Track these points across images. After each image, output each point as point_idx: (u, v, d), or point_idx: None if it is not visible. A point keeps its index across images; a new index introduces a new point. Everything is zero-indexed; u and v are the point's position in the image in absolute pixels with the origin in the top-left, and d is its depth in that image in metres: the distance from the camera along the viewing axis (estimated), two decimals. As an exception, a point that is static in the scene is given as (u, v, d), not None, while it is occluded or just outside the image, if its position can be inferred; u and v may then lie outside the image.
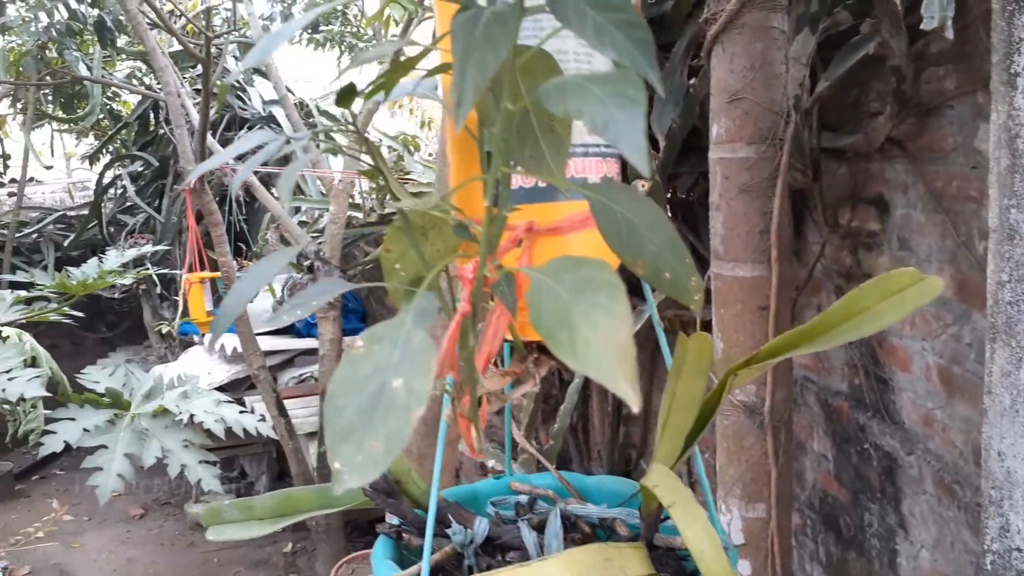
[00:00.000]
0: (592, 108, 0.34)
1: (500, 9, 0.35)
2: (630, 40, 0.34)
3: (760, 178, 1.22)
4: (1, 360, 1.86)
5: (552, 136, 0.43)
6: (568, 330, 0.33)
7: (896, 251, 1.64)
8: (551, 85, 0.36)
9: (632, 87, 0.33)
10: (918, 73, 1.45)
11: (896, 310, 0.54)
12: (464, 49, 0.34)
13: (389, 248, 0.49)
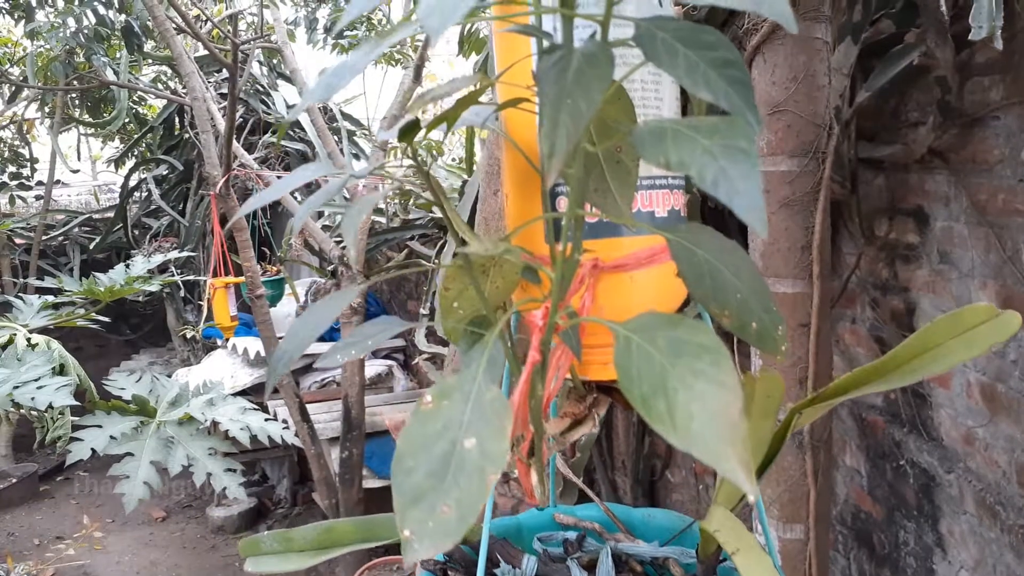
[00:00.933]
0: (699, 161, 0.31)
1: (590, 50, 0.33)
2: (726, 80, 0.32)
3: (802, 192, 1.19)
4: (30, 368, 1.86)
5: (619, 169, 0.41)
6: (666, 399, 0.30)
7: (936, 264, 1.60)
8: (646, 131, 0.33)
9: (743, 138, 0.31)
10: (963, 83, 1.42)
11: (968, 348, 0.51)
12: (556, 96, 0.31)
13: (448, 287, 0.47)
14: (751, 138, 0.31)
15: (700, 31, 0.32)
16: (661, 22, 0.33)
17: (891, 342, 1.76)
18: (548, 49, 0.34)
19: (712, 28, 0.32)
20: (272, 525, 4.24)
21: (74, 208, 6.40)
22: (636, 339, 0.33)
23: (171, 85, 5.72)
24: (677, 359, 0.31)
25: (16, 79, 5.51)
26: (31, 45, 5.14)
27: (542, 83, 0.32)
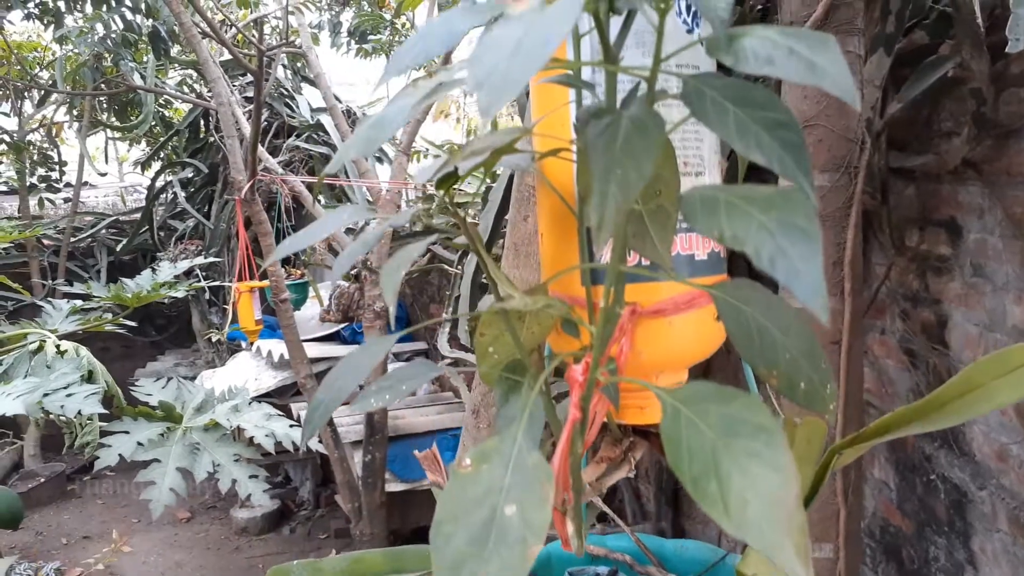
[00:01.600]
0: (755, 238, 0.30)
1: (639, 116, 0.32)
2: (780, 143, 0.30)
3: (833, 207, 1.17)
4: (59, 376, 1.88)
5: (658, 213, 0.40)
6: (718, 482, 0.29)
7: (969, 277, 1.57)
8: (698, 201, 0.32)
9: (803, 215, 0.30)
10: (998, 94, 1.39)
11: (1014, 388, 0.50)
12: (605, 167, 0.30)
13: (484, 332, 0.47)
14: (811, 215, 0.30)
15: (751, 88, 0.31)
16: (709, 79, 0.32)
17: (922, 355, 1.74)
18: (595, 113, 0.33)
19: (763, 86, 0.31)
20: (295, 527, 4.27)
21: (101, 209, 6.48)
22: (686, 412, 0.32)
23: (196, 88, 5.78)
24: (731, 439, 0.30)
25: (45, 83, 5.59)
26: (60, 50, 5.20)
27: (592, 152, 0.31)
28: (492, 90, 0.25)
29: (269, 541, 4.18)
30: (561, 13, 0.27)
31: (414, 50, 0.36)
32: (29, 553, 4.16)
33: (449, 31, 0.36)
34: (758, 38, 0.31)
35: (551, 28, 0.26)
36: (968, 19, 1.18)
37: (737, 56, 0.30)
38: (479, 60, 0.26)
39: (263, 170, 3.90)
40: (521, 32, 0.26)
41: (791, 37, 0.30)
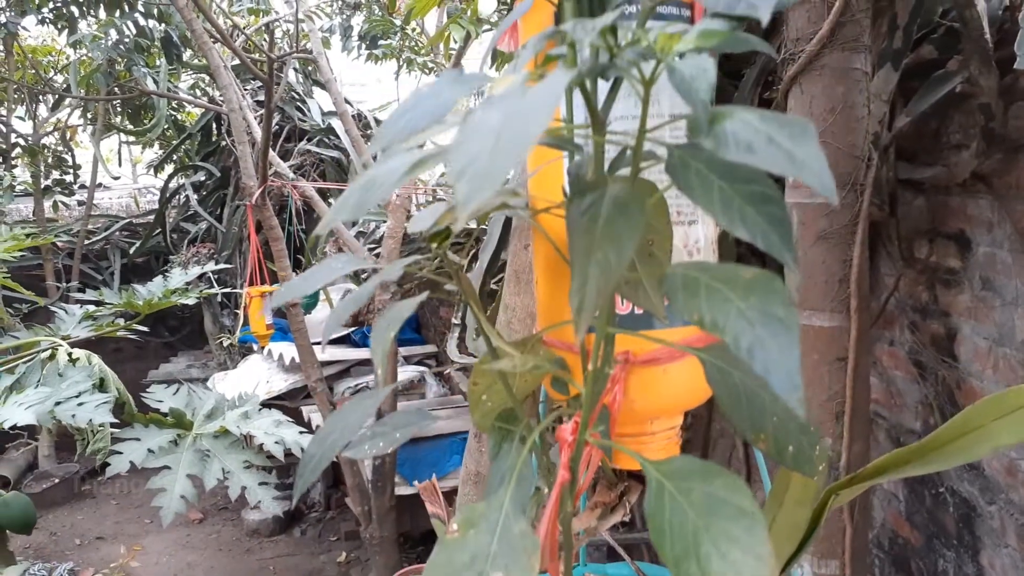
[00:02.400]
0: (735, 326, 0.30)
1: (622, 197, 0.32)
2: (765, 218, 0.31)
3: (839, 225, 1.17)
4: (71, 384, 1.90)
5: (651, 262, 0.40)
6: (698, 564, 0.30)
7: (978, 290, 1.57)
8: (680, 282, 0.32)
9: (781, 304, 0.30)
10: (1007, 108, 1.38)
11: (1013, 430, 0.50)
12: (586, 249, 0.31)
13: (476, 382, 0.47)
14: (789, 303, 0.30)
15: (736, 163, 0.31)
16: (695, 150, 0.32)
17: (931, 367, 1.73)
18: (579, 189, 0.33)
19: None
20: (306, 529, 4.29)
21: (115, 211, 6.53)
22: (669, 487, 0.32)
23: (208, 91, 5.81)
24: (712, 519, 0.30)
25: (59, 87, 5.63)
26: (74, 54, 5.24)
27: (572, 233, 0.32)
28: (473, 181, 0.25)
29: (280, 543, 4.20)
30: (543, 98, 0.27)
31: (400, 123, 0.36)
32: (43, 553, 4.20)
33: (436, 103, 0.36)
34: (739, 122, 0.31)
35: (532, 117, 0.26)
36: (976, 35, 1.18)
37: (718, 140, 0.30)
38: (460, 147, 0.26)
39: (274, 175, 3.92)
40: (502, 120, 0.26)
41: (771, 123, 0.30)
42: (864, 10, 1.12)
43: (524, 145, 0.25)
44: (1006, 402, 0.51)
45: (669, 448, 0.52)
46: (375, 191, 0.38)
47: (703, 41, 0.32)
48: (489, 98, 0.29)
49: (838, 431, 1.21)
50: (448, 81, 0.37)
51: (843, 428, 1.20)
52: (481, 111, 0.28)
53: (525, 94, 0.28)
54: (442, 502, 0.69)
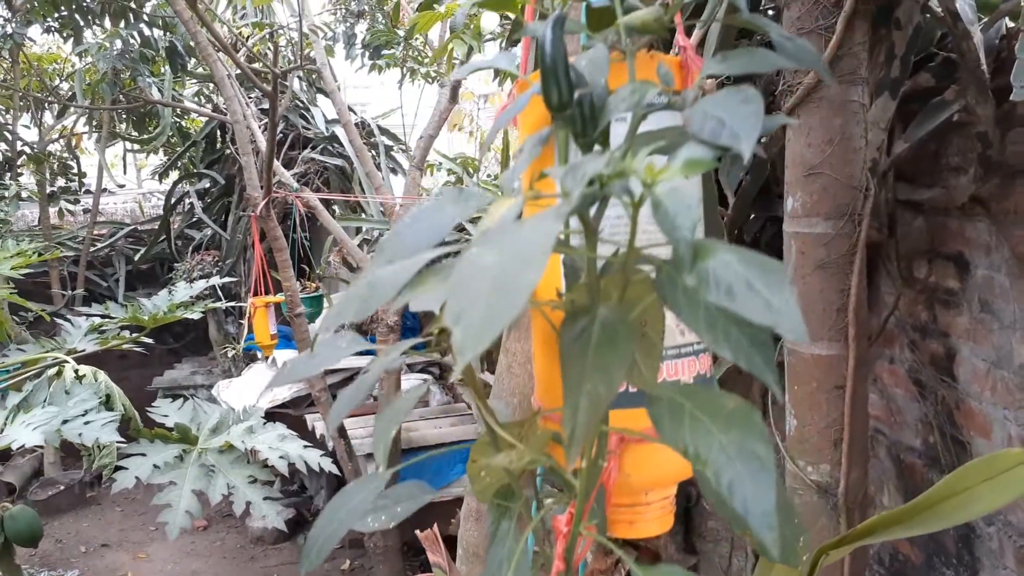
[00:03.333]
0: (717, 461, 0.32)
1: (611, 322, 0.34)
2: (747, 339, 0.32)
3: (837, 254, 1.18)
4: (78, 403, 1.92)
5: (644, 342, 0.42)
6: None
7: (977, 313, 1.58)
8: (665, 409, 0.34)
9: (760, 440, 0.31)
10: (1004, 134, 1.39)
11: (999, 493, 0.51)
12: (576, 378, 0.32)
13: (475, 459, 0.49)
14: (766, 441, 0.32)
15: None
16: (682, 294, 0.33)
17: (930, 386, 1.74)
18: (572, 314, 0.35)
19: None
20: (310, 538, 4.30)
21: (120, 216, 6.56)
22: None
23: (213, 98, 5.83)
24: None
25: (65, 94, 5.66)
26: (79, 62, 5.27)
27: (564, 359, 0.33)
28: (468, 332, 0.26)
29: (284, 550, 4.22)
30: (535, 246, 0.28)
31: (404, 237, 0.38)
32: (49, 561, 4.22)
33: (438, 222, 0.38)
34: (721, 262, 0.32)
35: (525, 268, 0.27)
36: (973, 65, 1.19)
37: (700, 279, 0.32)
38: (457, 291, 0.28)
39: (278, 184, 3.95)
40: (496, 266, 0.27)
41: (751, 266, 0.32)
42: (861, 42, 1.13)
43: (518, 303, 0.26)
44: (994, 465, 0.52)
45: (664, 518, 0.53)
46: (377, 295, 0.40)
47: (688, 170, 0.33)
48: (485, 234, 0.31)
49: (836, 458, 1.23)
50: (449, 199, 0.39)
51: (841, 455, 1.22)
52: (477, 249, 0.29)
53: (519, 233, 0.29)
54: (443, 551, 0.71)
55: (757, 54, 0.44)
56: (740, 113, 0.38)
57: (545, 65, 0.42)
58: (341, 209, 4.96)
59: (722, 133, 0.36)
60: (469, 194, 0.39)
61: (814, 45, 1.14)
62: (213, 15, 4.18)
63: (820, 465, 1.24)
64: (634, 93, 0.40)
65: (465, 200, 0.39)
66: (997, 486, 0.51)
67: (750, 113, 0.38)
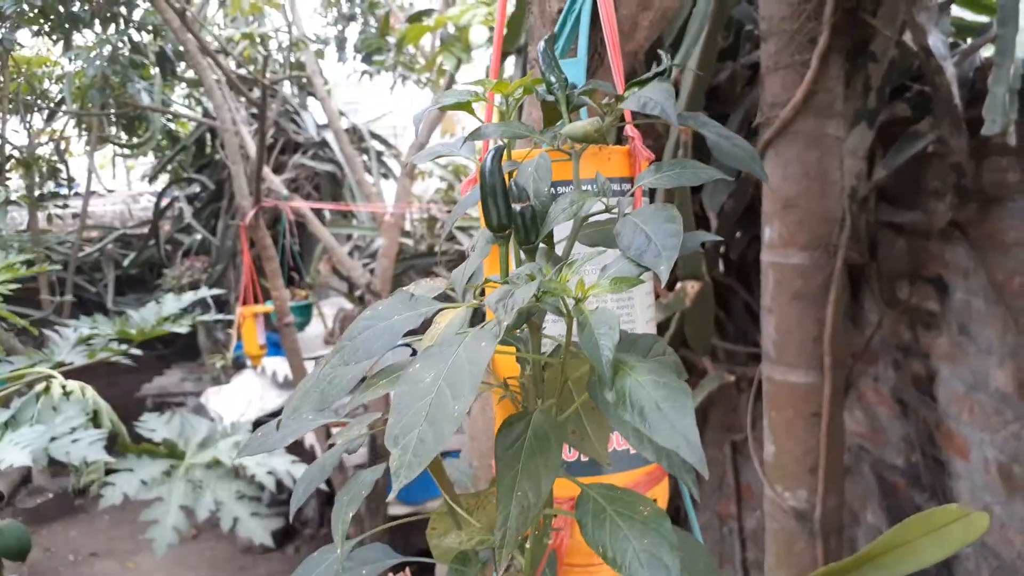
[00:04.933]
0: (630, 562, 0.34)
1: (542, 430, 0.35)
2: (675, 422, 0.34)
3: (814, 285, 1.20)
4: (65, 420, 1.92)
5: (595, 414, 0.43)
6: None
7: (956, 335, 1.60)
8: (590, 508, 0.36)
9: (669, 551, 0.33)
10: (980, 163, 1.41)
11: (939, 547, 0.53)
12: (508, 485, 0.34)
13: (434, 527, 0.50)
14: (674, 550, 0.34)
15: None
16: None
17: (912, 406, 1.76)
18: (508, 422, 0.37)
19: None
20: (299, 546, 4.31)
21: (109, 219, 6.54)
22: None
23: (203, 101, 5.82)
24: None
25: (54, 96, 5.64)
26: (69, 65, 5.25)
27: (499, 465, 0.35)
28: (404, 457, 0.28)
29: (274, 560, 4.22)
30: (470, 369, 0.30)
31: (356, 341, 0.40)
32: (37, 570, 4.22)
33: (388, 331, 0.39)
34: (635, 383, 0.34)
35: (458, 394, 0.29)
36: (946, 99, 1.21)
37: (618, 395, 0.34)
38: (397, 411, 0.29)
39: (267, 192, 3.95)
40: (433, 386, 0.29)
41: (662, 390, 0.34)
42: (837, 77, 1.15)
43: (448, 432, 0.28)
44: (933, 520, 0.54)
45: (618, 576, 0.54)
46: (335, 391, 0.41)
47: (615, 288, 0.35)
48: (428, 349, 0.32)
49: (813, 484, 1.24)
50: (399, 307, 0.40)
51: (818, 482, 1.23)
52: (420, 364, 0.31)
53: (456, 356, 0.31)
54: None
55: (688, 166, 0.46)
56: (664, 232, 0.40)
57: (484, 191, 0.44)
58: (332, 215, 4.96)
59: (647, 251, 0.38)
60: (419, 300, 0.41)
61: (790, 79, 1.16)
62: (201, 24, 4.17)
63: (797, 491, 1.26)
64: (573, 204, 0.42)
65: (416, 306, 0.40)
66: (938, 539, 0.53)
67: (672, 233, 0.40)
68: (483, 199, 0.44)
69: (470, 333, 0.34)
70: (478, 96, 0.49)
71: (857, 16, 1.17)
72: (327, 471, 0.50)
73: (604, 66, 0.59)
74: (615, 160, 0.53)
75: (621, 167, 0.54)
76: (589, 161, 0.50)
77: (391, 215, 3.73)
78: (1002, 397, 1.45)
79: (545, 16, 0.63)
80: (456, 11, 2.63)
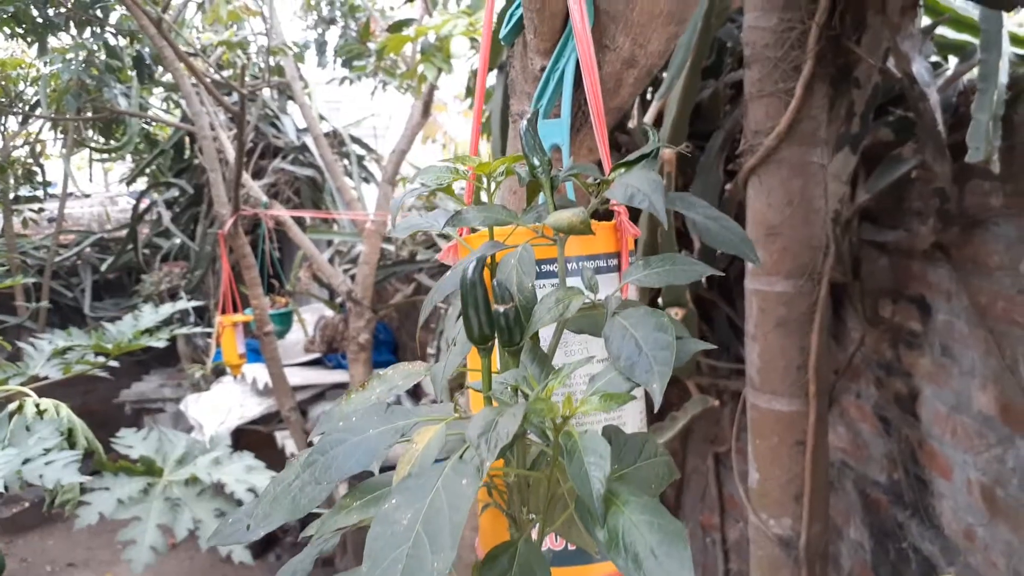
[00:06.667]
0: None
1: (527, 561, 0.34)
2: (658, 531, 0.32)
3: (797, 313, 1.19)
4: (37, 441, 1.88)
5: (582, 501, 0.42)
6: None
7: (938, 356, 1.60)
8: None
9: None
10: (963, 185, 1.41)
11: None
12: None
13: None
14: None
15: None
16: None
17: (895, 424, 1.76)
18: (492, 555, 0.35)
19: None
20: (281, 555, 4.27)
21: (87, 222, 6.45)
22: None
23: (181, 104, 5.75)
24: None
25: (29, 99, 5.55)
26: (44, 68, 5.17)
27: None
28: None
29: (255, 569, 4.18)
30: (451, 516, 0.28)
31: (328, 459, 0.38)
32: (13, 582, 4.15)
33: (363, 445, 0.38)
34: (629, 523, 0.33)
35: (439, 548, 0.27)
36: (930, 125, 1.20)
37: (610, 535, 0.32)
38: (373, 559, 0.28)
39: (246, 199, 3.90)
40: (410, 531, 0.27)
41: (656, 532, 0.32)
42: (820, 106, 1.14)
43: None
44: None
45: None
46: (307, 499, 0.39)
47: (604, 407, 0.34)
48: (403, 481, 0.30)
49: (798, 512, 1.24)
50: (376, 418, 0.39)
51: (803, 509, 1.23)
52: (396, 501, 0.29)
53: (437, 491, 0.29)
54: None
55: (677, 262, 0.44)
56: (654, 342, 0.38)
57: (465, 303, 0.42)
58: (312, 220, 4.92)
59: (637, 364, 0.36)
60: (395, 412, 0.39)
61: (774, 107, 1.15)
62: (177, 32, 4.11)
63: (782, 519, 1.25)
64: (558, 304, 0.40)
65: (391, 419, 0.39)
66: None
67: (663, 344, 0.38)
68: (464, 310, 0.42)
69: (449, 464, 0.32)
70: (459, 174, 0.47)
71: (840, 44, 1.16)
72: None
73: (588, 125, 0.57)
74: (601, 235, 0.51)
75: (607, 243, 0.52)
76: (575, 237, 0.48)
77: (372, 223, 3.70)
78: (985, 419, 1.45)
79: (527, 72, 0.61)
80: (437, 21, 2.61)
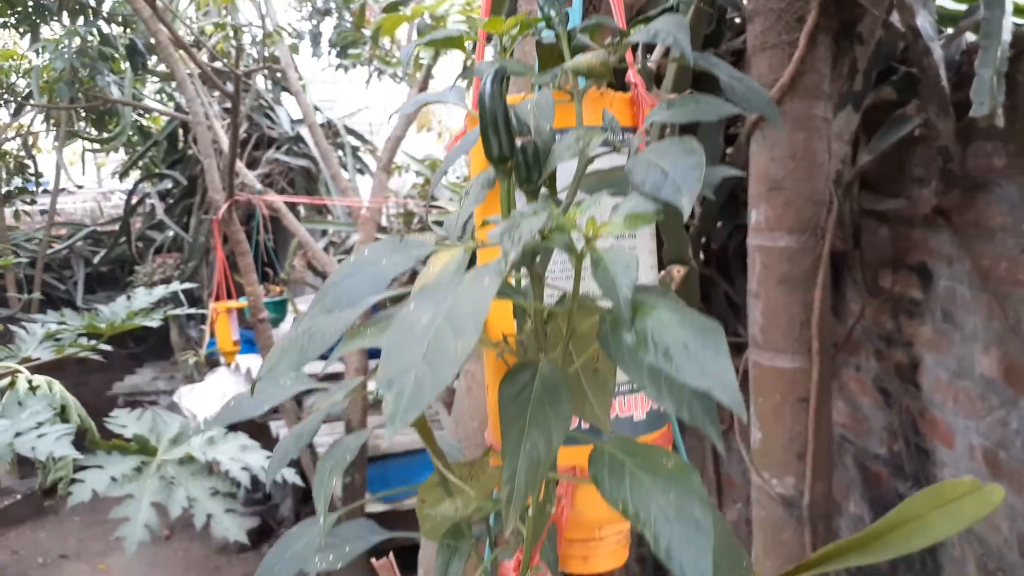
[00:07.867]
0: (657, 523, 0.31)
1: (551, 379, 0.32)
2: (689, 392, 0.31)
3: (801, 268, 1.18)
4: (31, 415, 1.86)
5: (596, 378, 0.40)
6: None
7: (940, 323, 1.59)
8: (605, 462, 0.33)
9: (699, 503, 0.30)
10: (965, 147, 1.40)
11: (950, 521, 0.50)
12: (516, 436, 0.31)
13: (424, 499, 0.47)
14: (705, 503, 0.31)
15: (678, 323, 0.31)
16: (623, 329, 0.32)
17: (895, 395, 1.75)
18: (512, 370, 0.33)
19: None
20: (275, 545, 4.24)
21: (79, 215, 6.42)
22: None
23: (175, 96, 5.72)
24: None
25: (21, 91, 5.52)
26: (37, 58, 5.14)
27: (503, 415, 0.32)
28: (400, 401, 0.25)
29: (249, 560, 4.15)
30: (472, 306, 0.27)
31: (341, 288, 0.36)
32: (5, 574, 4.12)
33: (374, 273, 0.36)
34: (659, 322, 0.31)
35: (461, 330, 0.26)
36: (933, 81, 1.19)
37: (638, 337, 0.31)
38: (391, 355, 0.26)
39: (240, 187, 3.88)
40: (431, 325, 0.26)
41: (689, 328, 0.31)
42: (824, 58, 1.13)
43: (449, 373, 0.25)
44: (943, 494, 0.52)
45: (618, 552, 0.52)
46: (315, 344, 0.38)
47: (630, 225, 0.32)
48: (423, 288, 0.29)
49: (801, 471, 1.23)
50: (388, 250, 0.37)
51: (806, 468, 1.22)
52: (414, 305, 0.28)
53: (456, 292, 0.28)
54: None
55: (703, 101, 0.43)
56: (683, 165, 0.36)
57: (484, 118, 0.40)
58: (307, 210, 4.89)
59: (664, 186, 0.35)
60: (410, 243, 0.38)
61: (777, 59, 1.14)
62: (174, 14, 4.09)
63: (785, 478, 1.24)
64: (579, 141, 0.39)
65: (406, 249, 0.37)
66: (949, 514, 0.51)
67: (693, 165, 0.36)
68: (482, 128, 0.40)
69: (471, 271, 0.30)
70: (468, 35, 0.46)
71: (845, -5, 1.15)
72: (305, 439, 0.46)
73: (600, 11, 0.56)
74: (617, 108, 0.50)
75: (623, 115, 0.50)
76: (590, 108, 0.47)
77: (367, 210, 3.68)
78: (987, 383, 1.45)
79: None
80: (432, 1, 2.59)
